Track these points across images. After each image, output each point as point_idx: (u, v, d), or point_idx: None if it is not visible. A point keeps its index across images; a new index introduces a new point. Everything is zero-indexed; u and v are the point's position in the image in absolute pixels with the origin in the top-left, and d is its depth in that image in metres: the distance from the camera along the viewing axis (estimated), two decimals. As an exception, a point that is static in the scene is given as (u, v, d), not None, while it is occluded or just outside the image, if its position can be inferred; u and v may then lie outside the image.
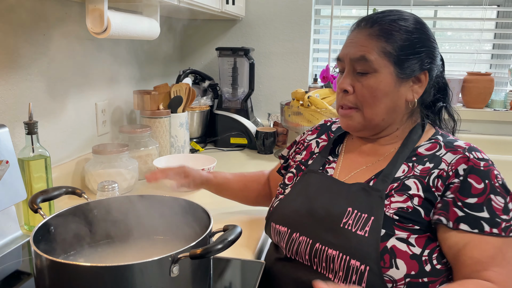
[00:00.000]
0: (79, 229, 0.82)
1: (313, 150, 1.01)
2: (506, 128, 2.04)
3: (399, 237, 0.77)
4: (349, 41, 0.88)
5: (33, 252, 0.65)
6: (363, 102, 0.86)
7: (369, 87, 0.84)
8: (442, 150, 0.84)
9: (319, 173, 0.94)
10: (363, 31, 0.87)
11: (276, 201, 0.96)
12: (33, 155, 1.05)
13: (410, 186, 0.81)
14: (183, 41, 2.26)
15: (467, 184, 0.78)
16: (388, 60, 0.84)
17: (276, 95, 2.22)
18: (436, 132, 0.90)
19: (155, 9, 1.35)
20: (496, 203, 0.76)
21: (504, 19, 2.12)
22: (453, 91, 2.04)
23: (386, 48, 0.83)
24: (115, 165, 1.31)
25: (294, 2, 2.12)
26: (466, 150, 0.82)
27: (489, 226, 0.75)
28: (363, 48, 0.84)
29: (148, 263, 0.61)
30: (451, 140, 0.86)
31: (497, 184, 0.78)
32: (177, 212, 0.83)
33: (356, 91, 0.86)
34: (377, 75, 0.84)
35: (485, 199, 0.76)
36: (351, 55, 0.86)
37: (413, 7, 2.15)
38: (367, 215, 0.80)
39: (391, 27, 0.85)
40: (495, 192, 0.77)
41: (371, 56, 0.83)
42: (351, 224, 0.81)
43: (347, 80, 0.87)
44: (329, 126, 1.06)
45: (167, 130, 1.60)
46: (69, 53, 1.33)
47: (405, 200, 0.80)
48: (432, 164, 0.82)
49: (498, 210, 0.75)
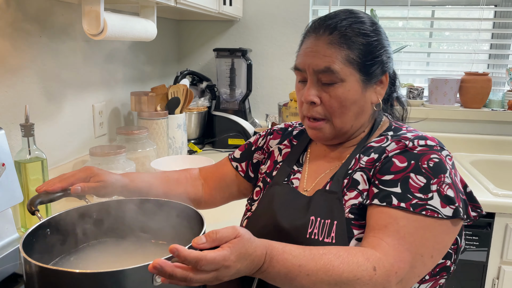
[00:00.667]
0: (74, 231, 0.81)
1: (276, 159, 0.97)
2: (504, 128, 2.05)
3: (358, 238, 0.76)
4: (308, 50, 0.82)
5: (22, 258, 0.64)
6: (332, 113, 0.82)
7: (337, 98, 0.81)
8: (388, 142, 0.82)
9: (283, 185, 0.90)
10: (322, 38, 0.81)
11: (244, 219, 0.93)
12: (30, 158, 1.05)
13: (358, 181, 0.80)
14: (180, 42, 2.26)
15: (389, 163, 0.76)
16: (353, 68, 0.81)
17: (274, 96, 2.21)
18: (389, 126, 0.89)
19: (152, 11, 1.35)
20: (414, 181, 0.74)
21: (502, 19, 2.12)
22: (451, 91, 2.05)
23: (349, 55, 0.80)
24: (112, 166, 1.30)
25: (292, 3, 2.12)
26: (410, 139, 0.79)
27: (397, 200, 0.73)
28: (327, 58, 0.80)
29: (129, 271, 0.59)
30: (400, 132, 0.85)
31: (424, 165, 0.75)
32: (177, 216, 0.83)
33: (324, 102, 0.82)
34: (344, 84, 0.81)
35: (402, 176, 0.74)
36: (314, 66, 0.81)
37: (411, 7, 2.16)
38: (330, 221, 0.78)
39: (351, 33, 0.81)
40: (418, 172, 0.74)
41: (336, 67, 0.79)
42: (316, 233, 0.78)
43: (312, 91, 0.82)
44: (290, 131, 1.01)
45: (164, 132, 1.60)
46: (65, 55, 1.33)
47: (356, 196, 0.79)
48: (376, 155, 0.81)
49: (413, 188, 0.73)
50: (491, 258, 1.49)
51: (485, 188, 1.55)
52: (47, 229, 0.77)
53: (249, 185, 1.03)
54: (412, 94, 2.12)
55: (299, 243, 0.79)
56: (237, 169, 1.03)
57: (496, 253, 1.48)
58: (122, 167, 1.32)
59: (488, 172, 1.85)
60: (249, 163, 1.02)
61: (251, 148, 1.03)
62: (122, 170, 1.31)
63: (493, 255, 1.48)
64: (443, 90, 2.06)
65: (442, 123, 2.08)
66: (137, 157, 1.45)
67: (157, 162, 1.43)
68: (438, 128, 2.08)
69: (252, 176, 1.02)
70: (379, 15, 2.13)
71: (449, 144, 2.03)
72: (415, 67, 2.29)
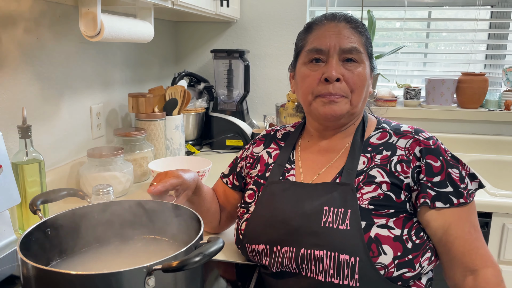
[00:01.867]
0: (73, 233, 0.81)
1: (267, 162, 0.99)
2: (501, 128, 2.05)
3: (379, 224, 0.82)
4: (329, 32, 0.90)
5: (19, 260, 0.64)
6: (353, 89, 0.89)
7: (360, 75, 0.89)
8: (394, 138, 0.91)
9: (281, 182, 0.93)
10: (342, 24, 0.90)
11: (242, 222, 0.94)
12: (27, 159, 1.05)
13: (375, 176, 0.87)
14: (178, 44, 2.26)
15: (429, 165, 0.86)
16: (366, 53, 0.92)
17: (272, 97, 2.22)
18: (379, 120, 0.98)
19: (149, 12, 1.35)
20: (454, 175, 0.86)
21: (498, 19, 2.13)
22: (448, 91, 2.06)
23: (365, 42, 0.92)
24: (110, 168, 1.30)
25: (289, 3, 2.12)
26: (413, 133, 0.91)
27: (456, 198, 0.85)
28: (351, 39, 0.89)
29: (124, 273, 0.59)
30: (397, 126, 0.95)
31: (448, 158, 0.87)
32: (175, 217, 0.83)
33: (347, 78, 0.89)
34: (363, 66, 0.90)
35: (445, 174, 0.86)
36: (342, 45, 0.88)
37: (407, 8, 2.16)
38: (343, 209, 0.83)
39: (361, 25, 0.92)
40: (450, 166, 0.87)
41: (361, 48, 0.90)
42: (331, 222, 0.83)
43: (337, 69, 0.88)
44: (273, 135, 1.05)
45: (162, 133, 1.60)
46: (62, 57, 1.33)
47: (375, 189, 0.85)
48: (389, 152, 0.89)
49: (457, 181, 0.86)
50: (488, 257, 1.49)
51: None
52: (45, 230, 0.77)
53: (238, 195, 1.05)
54: (409, 95, 2.12)
55: (313, 232, 0.83)
56: (227, 183, 1.07)
57: (493, 252, 1.48)
58: (119, 168, 1.32)
59: (485, 172, 1.86)
60: (234, 173, 1.06)
61: (237, 161, 1.08)
62: (119, 171, 1.31)
63: (491, 254, 1.49)
64: (440, 90, 2.06)
65: (439, 123, 2.09)
66: (134, 159, 1.45)
67: (155, 164, 1.43)
68: (435, 128, 2.09)
69: (237, 184, 1.05)
70: (376, 16, 2.14)
71: (447, 144, 2.02)
72: (412, 68, 2.30)
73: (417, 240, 0.83)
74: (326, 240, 0.81)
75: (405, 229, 0.83)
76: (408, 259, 0.81)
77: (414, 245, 0.83)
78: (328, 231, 0.82)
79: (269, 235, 0.87)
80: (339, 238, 0.81)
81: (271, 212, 0.89)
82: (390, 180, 0.86)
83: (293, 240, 0.84)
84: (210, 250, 0.63)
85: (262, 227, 0.89)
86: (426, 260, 0.85)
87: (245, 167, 1.04)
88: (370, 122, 0.97)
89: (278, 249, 0.86)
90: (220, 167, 1.70)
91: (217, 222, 1.07)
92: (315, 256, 0.81)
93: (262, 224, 0.89)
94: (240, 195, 1.05)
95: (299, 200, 0.88)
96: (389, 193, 0.85)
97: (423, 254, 0.84)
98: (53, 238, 0.78)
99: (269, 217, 0.89)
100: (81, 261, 0.80)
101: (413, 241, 0.83)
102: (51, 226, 0.78)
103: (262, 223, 0.89)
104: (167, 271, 0.60)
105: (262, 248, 0.88)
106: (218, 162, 1.76)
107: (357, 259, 0.79)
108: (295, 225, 0.85)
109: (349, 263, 0.79)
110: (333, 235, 0.81)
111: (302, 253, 0.83)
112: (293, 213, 0.86)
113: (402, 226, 0.83)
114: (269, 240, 0.87)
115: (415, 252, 0.82)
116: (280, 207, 0.88)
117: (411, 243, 0.82)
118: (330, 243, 0.81)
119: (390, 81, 2.24)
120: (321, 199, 0.86)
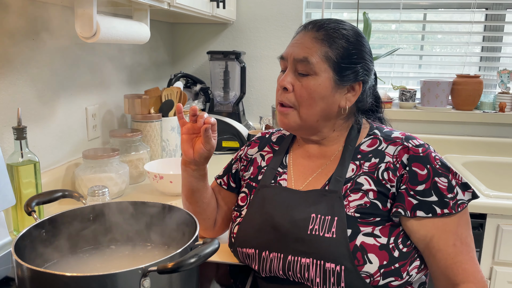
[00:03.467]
0: (68, 234, 0.81)
1: (260, 165, 0.99)
2: (495, 129, 2.07)
3: (365, 233, 0.81)
4: (294, 42, 0.91)
5: (14, 261, 0.64)
6: (300, 102, 0.88)
7: (307, 88, 0.87)
8: (383, 144, 0.89)
9: (273, 187, 0.93)
10: (309, 33, 0.89)
11: (235, 225, 0.94)
12: (22, 161, 1.05)
13: (362, 183, 0.86)
14: (174, 45, 2.26)
15: (413, 173, 0.83)
16: (328, 65, 0.87)
17: (268, 99, 2.22)
18: (371, 126, 0.95)
19: (145, 13, 1.35)
20: (441, 184, 0.83)
21: (492, 22, 2.15)
22: (443, 93, 2.07)
23: (328, 53, 0.87)
24: (105, 169, 1.30)
25: (285, 6, 2.13)
26: (403, 140, 0.88)
27: (440, 208, 0.82)
28: (307, 50, 0.87)
29: (119, 274, 0.60)
30: (388, 133, 0.92)
31: (437, 166, 0.84)
32: (171, 220, 0.83)
33: (295, 90, 0.88)
34: (317, 78, 0.87)
35: (431, 183, 0.83)
36: (295, 55, 0.88)
37: (403, 10, 2.17)
38: (330, 217, 0.83)
39: (335, 34, 0.88)
40: (438, 174, 0.83)
41: (313, 59, 0.86)
42: (317, 229, 0.82)
43: (287, 78, 0.89)
44: (268, 137, 1.05)
45: (158, 134, 1.60)
46: (58, 58, 1.32)
47: (361, 197, 0.84)
48: (377, 159, 0.87)
49: (444, 191, 0.82)
50: (483, 258, 1.50)
51: (477, 189, 1.57)
52: (40, 231, 0.77)
53: (234, 196, 1.05)
54: (404, 97, 2.13)
55: (300, 238, 0.83)
56: (221, 184, 1.07)
57: (488, 253, 1.49)
58: (115, 170, 1.32)
59: (480, 173, 1.87)
60: (229, 174, 1.06)
61: (231, 162, 1.08)
62: (115, 173, 1.31)
63: (485, 255, 1.50)
64: (435, 92, 2.08)
65: (434, 125, 2.10)
66: (130, 160, 1.45)
67: (151, 165, 1.43)
68: (430, 130, 2.10)
69: (234, 186, 1.05)
70: (372, 18, 2.15)
71: (441, 146, 2.05)
72: (408, 70, 2.31)
73: (404, 249, 0.82)
74: (312, 248, 0.81)
75: (392, 237, 0.82)
76: (395, 267, 0.80)
77: (401, 254, 0.82)
78: (314, 238, 0.82)
79: (259, 240, 0.88)
80: (325, 246, 0.80)
81: (262, 217, 0.89)
82: (377, 188, 0.84)
83: (281, 246, 0.84)
84: (206, 251, 0.64)
85: (253, 232, 0.89)
86: (414, 269, 0.83)
87: (240, 169, 1.04)
88: (364, 128, 0.95)
89: (267, 254, 0.86)
90: (216, 168, 1.70)
91: (213, 221, 1.05)
92: (301, 263, 0.82)
93: (253, 229, 0.89)
94: (235, 198, 1.04)
95: (289, 206, 0.87)
96: (376, 201, 0.84)
97: (411, 262, 0.83)
98: (48, 240, 0.78)
99: (260, 221, 0.89)
100: (76, 262, 0.80)
101: (400, 250, 0.82)
102: (46, 228, 0.78)
103: (253, 227, 0.90)
104: (163, 272, 0.60)
105: (252, 252, 0.88)
106: (214, 163, 1.75)
107: (343, 267, 0.79)
108: (284, 231, 0.85)
109: (334, 271, 0.79)
110: (319, 243, 0.81)
111: (289, 259, 0.83)
112: (282, 219, 0.86)
113: (389, 234, 0.82)
114: (259, 244, 0.87)
115: (402, 261, 0.81)
116: (270, 212, 0.88)
117: (398, 252, 0.81)
118: (316, 251, 0.81)
119: (385, 83, 2.25)
120: (309, 206, 0.85)
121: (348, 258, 0.79)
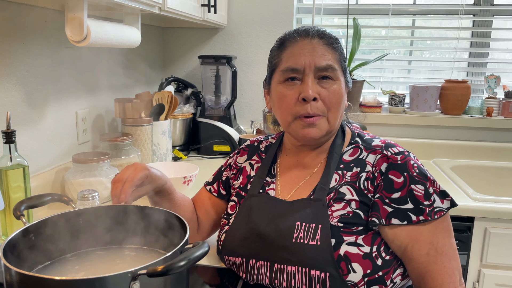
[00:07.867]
0: (57, 238, 0.80)
1: (249, 174, 1.00)
2: (483, 134, 2.10)
3: (349, 242, 0.81)
4: (305, 51, 0.87)
5: (2, 265, 0.64)
6: (330, 108, 0.88)
7: (335, 93, 0.88)
8: (364, 153, 0.90)
9: (260, 196, 0.93)
10: (315, 41, 0.88)
11: (223, 233, 0.95)
12: (11, 165, 1.04)
13: (345, 193, 0.86)
14: (165, 49, 2.26)
15: (389, 181, 0.83)
16: (341, 69, 0.90)
17: (259, 103, 2.23)
18: (353, 134, 0.96)
19: (136, 18, 1.35)
20: (417, 191, 0.82)
21: (479, 28, 2.18)
22: (431, 98, 2.10)
23: (339, 59, 0.90)
24: (95, 173, 1.30)
25: (276, 11, 2.14)
26: (383, 148, 0.88)
27: (415, 215, 0.81)
28: (326, 57, 0.88)
29: (108, 278, 0.59)
30: (369, 141, 0.93)
31: (415, 174, 0.83)
32: (161, 223, 0.83)
33: (323, 97, 0.87)
34: (338, 82, 0.89)
35: (407, 191, 0.82)
36: (316, 64, 0.86)
37: (392, 16, 2.20)
38: (314, 225, 0.83)
39: (334, 40, 0.91)
40: (414, 182, 0.83)
41: (335, 65, 0.88)
42: (302, 237, 0.82)
43: (313, 88, 0.86)
44: (257, 146, 1.05)
45: (149, 138, 1.60)
46: (48, 61, 1.32)
47: (344, 207, 0.84)
48: (359, 168, 0.88)
49: (420, 198, 0.82)
50: (471, 261, 1.52)
51: (465, 193, 1.59)
52: (29, 236, 0.76)
53: (224, 203, 1.05)
54: (394, 101, 2.15)
55: (285, 247, 0.82)
56: (211, 191, 1.07)
57: (476, 256, 1.51)
58: (105, 174, 1.31)
59: (468, 177, 1.89)
60: (219, 182, 1.06)
61: (221, 169, 1.08)
62: (105, 177, 1.30)
63: (473, 258, 1.51)
64: (423, 97, 2.10)
65: (423, 129, 2.12)
66: (121, 164, 1.44)
67: (141, 169, 1.43)
68: (419, 134, 2.12)
69: (224, 194, 1.05)
70: (362, 24, 2.17)
71: (430, 150, 2.07)
72: (397, 75, 2.33)
73: (387, 257, 0.83)
74: (297, 256, 0.82)
75: (374, 246, 0.82)
76: (379, 276, 0.80)
77: (384, 262, 0.82)
78: (299, 246, 0.82)
79: (245, 249, 0.88)
80: (309, 254, 0.81)
81: (247, 226, 0.89)
82: (359, 198, 0.84)
83: (267, 254, 0.85)
84: (195, 254, 0.64)
85: (239, 240, 0.89)
86: (398, 276, 0.84)
87: (230, 177, 1.04)
88: (347, 136, 0.96)
89: (254, 263, 0.86)
90: (207, 172, 1.70)
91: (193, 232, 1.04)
92: (287, 271, 0.82)
93: (239, 237, 0.90)
94: (225, 205, 1.04)
95: (275, 215, 0.88)
96: (358, 211, 0.84)
97: (394, 270, 0.83)
98: (37, 244, 0.77)
99: (246, 230, 0.89)
100: (65, 266, 0.79)
101: (383, 258, 0.82)
102: (35, 232, 0.77)
103: (239, 236, 0.90)
104: (152, 275, 0.60)
105: (239, 261, 0.88)
106: (205, 167, 1.76)
107: (327, 274, 0.79)
108: (269, 240, 0.85)
109: (319, 278, 0.79)
110: (303, 251, 0.81)
111: (275, 267, 0.83)
112: (268, 228, 0.86)
113: (371, 243, 0.82)
114: (245, 253, 0.88)
115: (385, 269, 0.82)
116: (256, 221, 0.88)
117: (381, 260, 0.82)
118: (301, 259, 0.81)
119: (375, 87, 2.27)
120: (295, 215, 0.86)
121: (332, 265, 0.79)
